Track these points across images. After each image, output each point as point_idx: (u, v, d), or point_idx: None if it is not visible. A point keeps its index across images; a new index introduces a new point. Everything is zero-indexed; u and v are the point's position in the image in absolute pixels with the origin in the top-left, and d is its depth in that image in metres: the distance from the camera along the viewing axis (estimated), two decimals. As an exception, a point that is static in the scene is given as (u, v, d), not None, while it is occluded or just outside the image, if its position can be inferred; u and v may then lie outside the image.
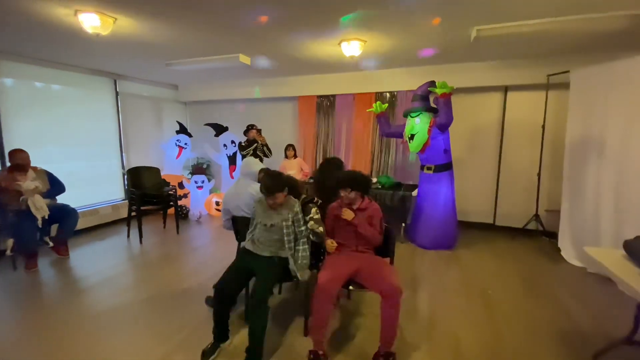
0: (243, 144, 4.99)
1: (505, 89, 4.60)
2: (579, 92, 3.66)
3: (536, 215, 4.39)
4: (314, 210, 2.35)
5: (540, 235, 4.44)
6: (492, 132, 4.77)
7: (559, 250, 3.84)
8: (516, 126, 4.62)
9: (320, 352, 1.97)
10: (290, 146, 5.30)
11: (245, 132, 5.00)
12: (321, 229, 2.31)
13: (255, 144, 4.89)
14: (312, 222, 2.30)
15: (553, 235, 4.19)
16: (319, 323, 1.98)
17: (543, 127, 4.23)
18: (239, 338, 2.27)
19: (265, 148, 4.97)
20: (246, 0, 2.53)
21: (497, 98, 4.69)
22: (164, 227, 5.01)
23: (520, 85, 4.42)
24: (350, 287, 2.21)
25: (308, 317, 2.31)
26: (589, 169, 3.53)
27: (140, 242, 4.36)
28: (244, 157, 4.96)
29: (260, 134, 4.98)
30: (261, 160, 4.78)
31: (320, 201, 2.52)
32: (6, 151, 3.72)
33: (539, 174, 4.32)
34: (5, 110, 4.00)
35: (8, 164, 3.50)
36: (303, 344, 2.20)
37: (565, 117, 3.83)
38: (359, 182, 2.29)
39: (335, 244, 2.27)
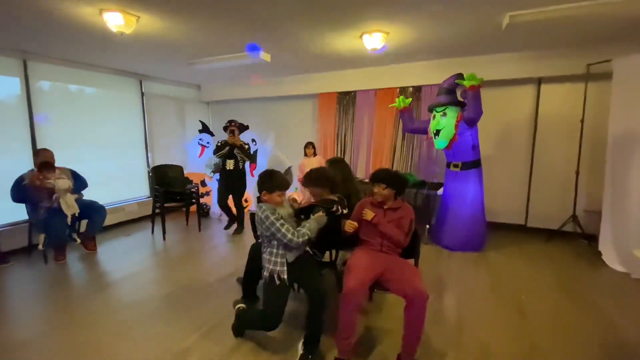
0: (218, 144, 4.43)
1: (539, 81, 4.32)
2: (623, 83, 3.36)
3: (574, 216, 4.09)
4: (320, 214, 2.17)
5: (579, 237, 4.13)
6: (524, 127, 4.50)
7: (599, 254, 3.54)
8: (551, 121, 4.32)
9: None
10: (309, 144, 5.23)
11: (225, 130, 4.48)
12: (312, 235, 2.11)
13: (228, 147, 4.36)
14: (309, 224, 2.08)
15: (593, 238, 3.89)
16: (346, 333, 1.89)
17: (582, 121, 3.93)
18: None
19: (241, 152, 4.38)
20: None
21: (529, 91, 4.41)
22: (187, 224, 5.09)
23: (555, 76, 4.13)
24: (375, 290, 2.11)
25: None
26: (634, 165, 3.24)
27: (164, 238, 4.44)
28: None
29: (234, 134, 4.33)
30: (239, 165, 4.44)
31: (342, 211, 2.39)
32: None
33: (577, 172, 4.02)
34: (37, 111, 4.17)
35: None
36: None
37: (607, 111, 3.54)
38: (396, 180, 2.20)
39: (355, 225, 2.18)
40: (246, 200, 5.27)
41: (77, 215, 3.61)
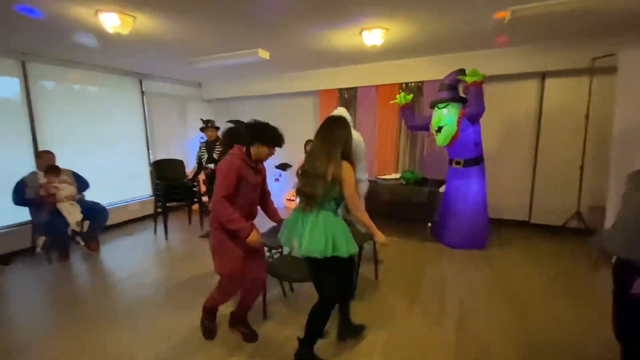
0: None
1: (543, 76, 4.24)
2: (629, 77, 3.27)
3: (578, 212, 4.04)
4: None
5: (583, 234, 4.09)
6: (527, 122, 4.43)
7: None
8: (555, 116, 4.25)
9: None
10: (310, 141, 5.20)
11: (203, 130, 4.58)
12: None
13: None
14: None
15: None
16: None
17: (587, 116, 3.86)
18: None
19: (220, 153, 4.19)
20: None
21: (533, 86, 4.34)
22: (189, 222, 5.10)
23: (560, 70, 4.05)
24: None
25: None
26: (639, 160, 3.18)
27: (166, 237, 4.46)
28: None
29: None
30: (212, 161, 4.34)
31: None
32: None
33: (581, 167, 3.96)
34: (38, 111, 4.17)
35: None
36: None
37: (612, 105, 3.46)
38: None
39: None
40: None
41: (78, 223, 3.57)
